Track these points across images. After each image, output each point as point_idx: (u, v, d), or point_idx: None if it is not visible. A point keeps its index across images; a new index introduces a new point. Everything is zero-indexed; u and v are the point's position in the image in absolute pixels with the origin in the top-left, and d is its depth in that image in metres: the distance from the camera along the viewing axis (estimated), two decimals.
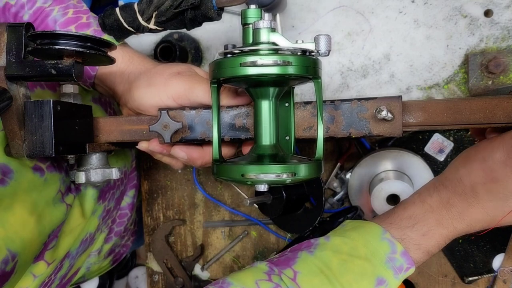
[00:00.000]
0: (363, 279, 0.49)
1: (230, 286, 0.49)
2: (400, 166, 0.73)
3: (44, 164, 0.54)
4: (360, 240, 0.51)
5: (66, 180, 0.59)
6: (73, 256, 0.64)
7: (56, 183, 0.56)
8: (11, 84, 0.46)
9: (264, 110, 0.51)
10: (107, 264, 0.85)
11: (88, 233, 0.67)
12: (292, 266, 0.51)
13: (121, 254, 0.89)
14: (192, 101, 0.56)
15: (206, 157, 0.58)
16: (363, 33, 0.75)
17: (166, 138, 0.54)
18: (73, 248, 0.63)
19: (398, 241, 0.50)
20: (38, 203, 0.52)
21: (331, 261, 0.50)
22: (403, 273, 0.50)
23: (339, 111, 0.53)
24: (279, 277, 0.50)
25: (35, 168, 0.53)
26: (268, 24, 0.46)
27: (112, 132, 0.57)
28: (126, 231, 0.85)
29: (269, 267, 0.52)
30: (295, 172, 0.47)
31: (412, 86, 0.74)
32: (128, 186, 0.82)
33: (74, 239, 0.62)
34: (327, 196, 0.79)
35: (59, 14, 0.60)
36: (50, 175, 0.55)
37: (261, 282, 0.49)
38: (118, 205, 0.78)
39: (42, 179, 0.53)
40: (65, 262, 0.62)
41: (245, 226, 0.83)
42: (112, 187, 0.72)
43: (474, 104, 0.51)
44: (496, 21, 0.70)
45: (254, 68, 0.45)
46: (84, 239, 0.66)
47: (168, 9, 0.54)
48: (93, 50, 0.45)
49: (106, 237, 0.77)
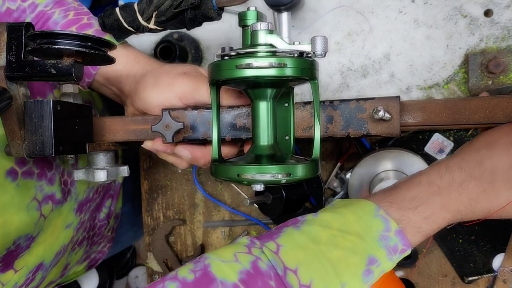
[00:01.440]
0: (353, 256, 0.46)
1: (207, 260, 0.47)
2: (400, 166, 0.73)
3: (21, 169, 0.53)
4: (351, 216, 0.48)
5: (47, 189, 0.58)
6: (47, 268, 0.63)
7: (30, 190, 0.55)
8: (11, 83, 0.46)
9: (262, 111, 0.51)
10: (82, 269, 0.85)
11: (63, 245, 0.66)
12: (276, 240, 0.48)
13: (96, 260, 0.89)
14: (197, 101, 0.56)
15: (208, 156, 0.58)
16: (363, 33, 0.75)
17: (168, 138, 0.55)
18: (47, 260, 0.62)
19: (393, 220, 0.47)
20: (6, 207, 0.51)
21: (319, 236, 0.47)
22: (397, 254, 0.47)
23: (337, 111, 0.53)
24: (260, 249, 0.47)
25: (9, 171, 0.52)
26: (265, 26, 0.46)
27: (118, 131, 0.58)
28: (102, 238, 0.85)
29: (250, 240, 0.49)
30: (290, 173, 0.47)
31: (412, 86, 0.74)
32: (105, 197, 0.81)
33: (47, 250, 0.61)
34: (327, 196, 0.79)
35: (60, 17, 0.60)
36: (24, 181, 0.54)
37: (240, 254, 0.46)
38: (93, 216, 0.78)
39: (13, 184, 0.52)
40: (38, 274, 0.61)
41: (245, 226, 0.83)
42: (90, 200, 0.72)
43: (473, 104, 0.51)
44: (496, 21, 0.70)
45: (250, 70, 0.45)
46: (58, 251, 0.65)
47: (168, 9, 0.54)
48: (93, 49, 0.45)
49: (80, 246, 0.76)
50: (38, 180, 0.56)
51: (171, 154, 0.59)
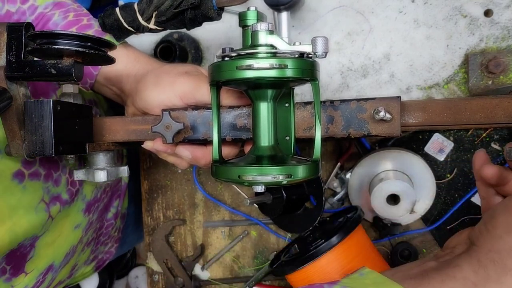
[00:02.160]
0: None
1: None
2: (400, 166, 0.73)
3: (28, 171, 0.53)
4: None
5: (53, 190, 0.58)
6: (56, 270, 0.63)
7: (37, 192, 0.55)
8: (11, 84, 0.46)
9: (262, 112, 0.51)
10: (90, 269, 0.85)
11: (72, 246, 0.66)
12: None
13: (104, 261, 0.89)
14: (198, 100, 0.56)
15: (209, 156, 0.58)
16: (363, 33, 0.75)
17: (168, 138, 0.54)
18: (57, 262, 0.62)
19: None
20: (14, 209, 0.51)
21: None
22: None
23: (338, 112, 0.53)
24: None
25: (16, 174, 0.52)
26: (266, 27, 0.46)
27: (119, 131, 0.58)
28: (109, 238, 0.85)
29: None
30: (291, 174, 0.46)
31: (412, 86, 0.74)
32: (113, 197, 0.82)
33: (57, 251, 0.61)
34: (327, 196, 0.79)
35: (60, 18, 0.60)
36: (31, 183, 0.54)
37: None
38: (101, 217, 0.78)
39: (20, 186, 0.52)
40: (48, 275, 0.61)
41: (245, 226, 0.83)
42: (98, 200, 0.72)
43: (474, 104, 0.51)
44: (496, 21, 0.70)
45: (250, 72, 0.45)
46: (68, 252, 0.65)
47: (168, 9, 0.54)
48: (92, 49, 0.45)
49: (88, 246, 0.76)
50: (45, 182, 0.57)
51: (172, 155, 0.59)
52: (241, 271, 0.84)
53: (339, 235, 0.64)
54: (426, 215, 0.75)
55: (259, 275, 0.80)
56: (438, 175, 0.75)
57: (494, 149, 0.73)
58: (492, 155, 0.73)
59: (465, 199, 0.74)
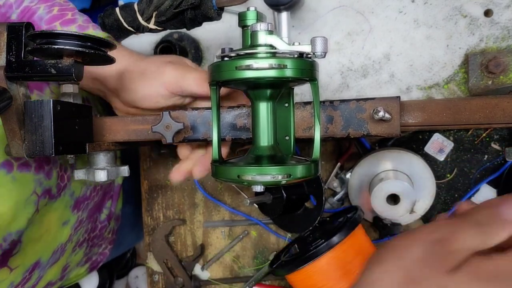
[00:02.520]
0: None
1: None
2: (400, 166, 0.73)
3: (17, 162, 0.52)
4: None
5: (45, 183, 0.57)
6: (43, 267, 0.63)
7: (29, 184, 0.54)
8: (11, 83, 0.46)
9: (262, 112, 0.51)
10: (84, 271, 0.84)
11: (60, 244, 0.65)
12: None
13: (98, 262, 0.88)
14: (183, 90, 0.56)
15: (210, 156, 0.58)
16: (363, 33, 0.75)
17: (168, 138, 0.55)
18: (44, 259, 0.62)
19: None
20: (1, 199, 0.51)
21: None
22: None
23: (337, 112, 0.53)
24: None
25: (3, 164, 0.51)
26: (265, 27, 0.46)
27: (119, 131, 0.58)
28: (103, 240, 0.85)
29: None
30: (290, 174, 0.47)
31: (412, 86, 0.74)
32: (105, 197, 0.81)
33: (44, 247, 0.61)
34: (327, 196, 0.79)
35: (45, 12, 0.60)
36: (20, 174, 0.53)
37: None
38: (93, 217, 0.77)
39: (8, 176, 0.51)
40: (35, 272, 0.60)
41: (245, 226, 0.83)
42: (87, 198, 0.71)
43: (474, 104, 0.51)
44: (496, 21, 0.70)
45: (249, 72, 0.45)
46: (55, 250, 0.64)
47: (168, 9, 0.54)
48: (92, 49, 0.45)
49: (80, 247, 0.76)
50: (36, 174, 0.56)
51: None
52: (241, 271, 0.84)
53: (339, 235, 0.64)
54: (426, 215, 0.75)
55: (259, 275, 0.81)
56: (438, 175, 0.75)
57: (494, 149, 0.73)
58: (492, 155, 0.73)
59: (465, 199, 0.74)
